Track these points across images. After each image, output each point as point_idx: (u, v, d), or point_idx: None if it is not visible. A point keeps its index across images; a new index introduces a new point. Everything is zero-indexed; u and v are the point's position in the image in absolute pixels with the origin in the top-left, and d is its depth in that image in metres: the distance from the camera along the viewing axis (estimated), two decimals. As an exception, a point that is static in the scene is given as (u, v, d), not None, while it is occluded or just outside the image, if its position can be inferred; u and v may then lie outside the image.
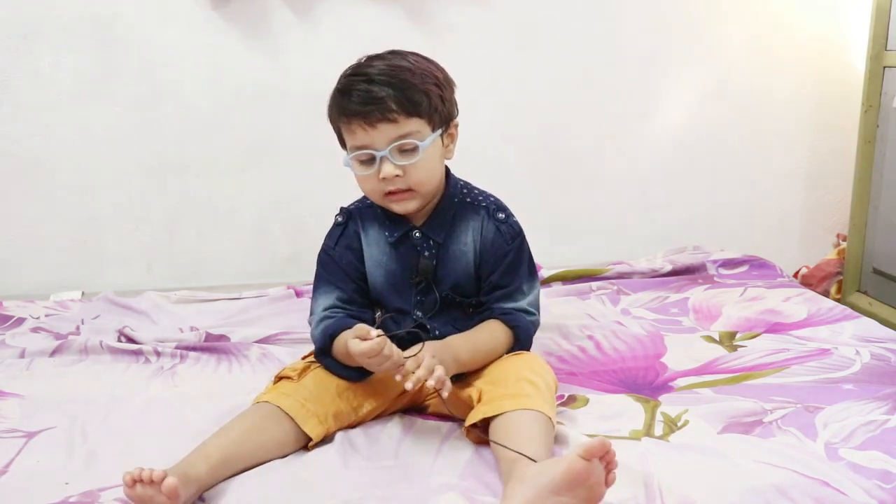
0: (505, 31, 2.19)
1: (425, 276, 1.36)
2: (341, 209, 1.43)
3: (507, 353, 1.36)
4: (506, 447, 1.12)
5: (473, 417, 1.22)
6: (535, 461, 1.05)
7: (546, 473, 1.00)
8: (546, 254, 2.15)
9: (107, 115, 2.10)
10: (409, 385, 1.16)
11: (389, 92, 1.25)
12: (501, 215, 1.39)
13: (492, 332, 1.35)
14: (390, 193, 1.31)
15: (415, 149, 1.28)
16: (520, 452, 1.08)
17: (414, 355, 1.19)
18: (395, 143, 1.27)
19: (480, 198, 1.41)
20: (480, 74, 2.16)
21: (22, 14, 2.02)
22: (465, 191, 1.41)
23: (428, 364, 1.18)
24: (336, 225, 1.42)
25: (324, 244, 1.42)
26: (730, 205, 2.39)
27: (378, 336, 1.16)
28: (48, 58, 2.05)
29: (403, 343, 1.23)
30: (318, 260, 1.41)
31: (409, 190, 1.30)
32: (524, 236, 1.41)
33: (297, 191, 2.19)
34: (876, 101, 2.09)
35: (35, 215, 2.14)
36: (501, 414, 1.19)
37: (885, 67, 2.06)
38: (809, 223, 2.43)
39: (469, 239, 1.38)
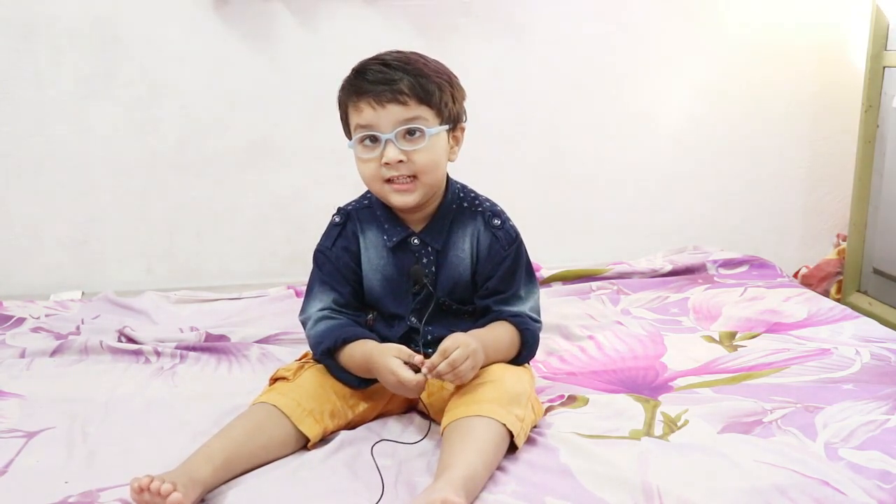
0: (504, 32, 2.19)
1: (417, 280, 1.34)
2: (339, 209, 1.41)
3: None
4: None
5: (443, 424, 1.23)
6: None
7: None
8: (546, 254, 2.15)
9: (107, 115, 2.10)
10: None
11: (403, 76, 1.27)
12: (497, 221, 1.37)
13: (508, 334, 1.34)
14: (390, 181, 1.30)
15: (421, 135, 1.28)
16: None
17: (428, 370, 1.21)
18: (402, 127, 1.27)
19: (476, 202, 1.39)
20: (481, 75, 2.15)
21: (22, 14, 2.02)
22: (461, 195, 1.39)
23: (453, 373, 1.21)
24: (333, 225, 1.40)
25: (320, 244, 1.40)
26: (730, 205, 2.39)
27: (420, 362, 1.20)
28: (48, 58, 2.05)
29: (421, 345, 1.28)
30: (314, 259, 1.40)
31: (412, 179, 1.29)
32: (521, 241, 1.39)
33: (297, 191, 2.19)
34: (876, 101, 2.09)
35: (35, 215, 2.14)
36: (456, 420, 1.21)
37: (885, 67, 2.06)
38: (809, 223, 2.43)
39: (466, 245, 1.36)
